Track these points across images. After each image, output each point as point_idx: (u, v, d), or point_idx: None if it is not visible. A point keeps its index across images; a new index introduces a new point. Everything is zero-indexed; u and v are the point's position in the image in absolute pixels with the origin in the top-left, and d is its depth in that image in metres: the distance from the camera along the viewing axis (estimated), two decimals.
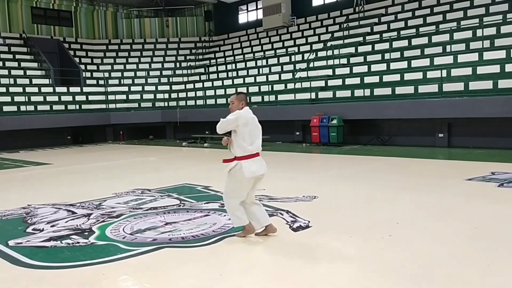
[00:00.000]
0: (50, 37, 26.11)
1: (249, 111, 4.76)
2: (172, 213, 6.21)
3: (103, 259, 4.38)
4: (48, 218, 6.17)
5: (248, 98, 4.90)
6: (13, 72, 22.21)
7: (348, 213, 5.84)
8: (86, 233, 5.33)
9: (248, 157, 4.62)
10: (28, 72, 22.79)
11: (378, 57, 16.79)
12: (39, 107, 20.48)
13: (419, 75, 14.29)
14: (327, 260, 4.14)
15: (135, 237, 5.11)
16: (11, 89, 20.86)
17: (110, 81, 24.61)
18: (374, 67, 16.08)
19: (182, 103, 22.36)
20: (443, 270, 3.71)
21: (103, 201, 7.25)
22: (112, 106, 22.89)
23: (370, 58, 17.03)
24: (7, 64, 22.73)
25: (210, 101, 20.98)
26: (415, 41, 16.44)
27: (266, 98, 18.29)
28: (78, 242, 4.98)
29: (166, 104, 23.19)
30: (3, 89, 20.64)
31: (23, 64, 23.29)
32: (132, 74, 25.54)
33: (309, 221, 5.38)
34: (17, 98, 20.30)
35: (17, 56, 23.79)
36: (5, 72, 21.94)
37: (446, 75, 13.60)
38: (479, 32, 15.02)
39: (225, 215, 5.91)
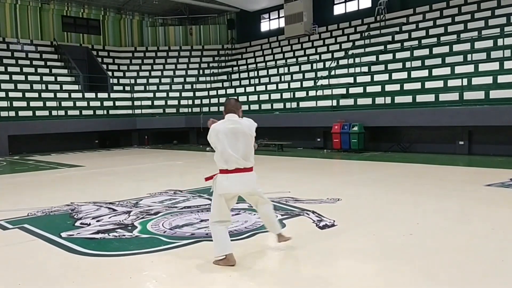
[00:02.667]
0: (79, 45, 27.15)
1: (227, 121, 4.27)
2: (205, 212, 6.68)
3: (149, 249, 4.86)
4: (92, 214, 6.72)
5: (240, 103, 4.55)
6: (45, 78, 23.21)
7: (371, 214, 6.21)
8: (130, 228, 5.84)
9: (225, 172, 4.22)
10: (59, 79, 23.77)
11: (399, 65, 17.07)
12: (69, 112, 21.37)
13: (440, 84, 14.54)
14: (352, 254, 4.53)
15: (175, 231, 5.60)
16: (43, 95, 21.82)
17: (136, 87, 25.43)
18: (395, 75, 16.37)
19: (205, 109, 22.97)
20: (462, 271, 4.07)
21: (139, 200, 7.78)
22: (137, 111, 23.66)
23: (391, 66, 17.33)
24: (39, 70, 23.77)
25: None
26: (436, 50, 16.67)
27: (288, 105, 18.73)
28: (124, 235, 5.49)
29: (189, 110, 23.84)
30: (36, 94, 21.62)
31: (54, 71, 24.30)
32: (157, 80, 26.33)
33: (334, 221, 5.78)
34: (48, 103, 21.22)
35: (48, 63, 24.84)
36: (37, 78, 22.95)
37: (467, 83, 13.82)
38: (500, 42, 15.19)
39: (255, 214, 6.36)
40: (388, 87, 15.88)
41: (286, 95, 19.41)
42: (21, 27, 25.46)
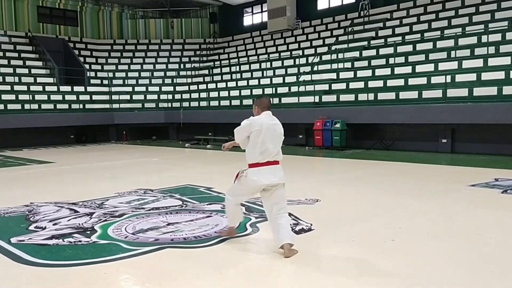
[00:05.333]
0: (55, 36, 26.21)
1: (268, 117, 4.45)
2: (174, 214, 6.22)
3: (105, 258, 4.37)
4: (51, 217, 6.18)
5: (270, 100, 4.65)
6: (18, 70, 22.30)
7: (350, 217, 5.82)
8: (88, 232, 5.33)
9: (256, 165, 4.41)
10: (33, 71, 22.87)
11: (382, 61, 16.78)
12: (43, 106, 20.55)
13: (423, 80, 14.27)
14: (328, 263, 4.13)
15: (137, 236, 5.11)
16: (16, 87, 20.94)
17: (114, 81, 24.68)
18: (379, 72, 16.07)
19: (185, 104, 22.39)
20: (447, 277, 3.70)
21: (105, 200, 7.26)
22: (115, 106, 22.94)
23: (374, 62, 17.03)
24: (12, 62, 22.83)
25: (214, 103, 21.00)
26: (420, 46, 16.41)
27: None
28: (80, 241, 4.98)
29: (169, 105, 23.22)
30: (8, 87, 20.72)
31: (28, 63, 23.37)
32: (136, 74, 25.60)
33: (311, 224, 5.37)
34: (21, 97, 20.37)
35: (22, 55, 23.88)
36: (10, 70, 22.03)
37: (451, 80, 13.59)
38: (484, 38, 15.00)
39: (226, 217, 5.92)
40: (371, 84, 15.58)
41: (268, 91, 18.96)
42: None
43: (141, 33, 28.97)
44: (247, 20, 27.81)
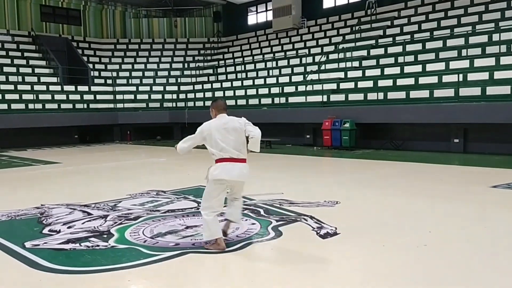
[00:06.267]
0: (58, 35, 26.04)
1: (218, 119, 4.68)
2: (191, 216, 6.02)
3: (126, 264, 4.18)
4: (64, 219, 5.99)
5: (226, 102, 4.96)
6: (21, 69, 22.14)
7: (375, 220, 5.62)
8: (105, 236, 5.14)
9: (220, 161, 4.55)
10: (36, 70, 22.70)
11: (391, 60, 16.58)
12: (47, 106, 20.36)
13: (434, 79, 14.08)
14: (361, 270, 3.93)
15: (156, 241, 4.92)
16: (19, 87, 20.75)
17: (118, 81, 24.49)
18: (388, 71, 15.87)
19: (190, 103, 22.20)
20: (487, 282, 3.50)
21: (118, 202, 7.06)
22: (119, 105, 22.75)
23: (383, 61, 16.83)
24: (16, 61, 22.66)
25: None
26: (429, 45, 16.22)
27: (276, 100, 18.09)
28: (98, 245, 4.78)
29: (174, 104, 23.03)
30: (11, 87, 20.54)
31: (31, 62, 23.20)
32: (140, 74, 25.41)
33: (336, 228, 5.17)
34: (25, 96, 20.19)
35: (26, 54, 23.71)
36: (14, 69, 21.87)
37: (462, 79, 13.38)
38: (495, 37, 14.80)
39: (246, 219, 5.73)
40: (380, 83, 15.38)
41: (275, 90, 18.77)
42: None
43: (144, 32, 28.78)
44: (252, 19, 27.61)
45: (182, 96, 23.34)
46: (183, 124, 21.73)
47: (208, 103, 21.56)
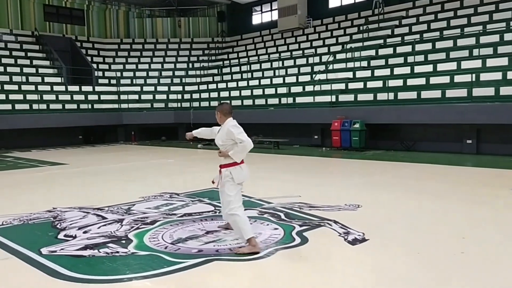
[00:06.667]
0: (62, 35, 25.84)
1: (233, 121, 4.77)
2: (209, 221, 5.83)
3: (150, 272, 3.99)
4: (78, 223, 5.79)
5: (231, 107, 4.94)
6: (25, 70, 21.94)
7: (403, 225, 5.41)
8: (124, 241, 4.94)
9: (236, 164, 4.67)
10: (40, 70, 22.50)
11: (400, 60, 16.37)
12: (51, 106, 20.16)
13: (446, 79, 13.87)
14: (400, 280, 3.73)
15: (178, 247, 4.72)
16: (23, 87, 20.56)
17: (122, 81, 24.31)
18: (397, 70, 15.67)
19: (195, 104, 22.01)
20: None
21: (131, 205, 6.87)
22: (124, 106, 22.56)
23: (392, 61, 16.62)
24: (19, 61, 22.47)
25: None
26: (439, 44, 16.02)
27: (283, 100, 17.89)
28: (118, 252, 4.59)
29: (179, 105, 22.84)
30: (15, 87, 20.36)
31: (35, 62, 23.00)
32: (144, 74, 25.22)
33: (363, 233, 4.97)
34: (29, 96, 20.00)
35: (29, 54, 23.52)
36: (17, 69, 21.68)
37: (475, 79, 13.18)
38: (506, 36, 14.60)
39: (268, 224, 5.54)
40: (390, 83, 15.17)
41: (281, 90, 18.57)
42: (0, 16, 24.04)
43: (148, 32, 28.59)
44: (256, 19, 27.42)
45: (187, 96, 23.15)
46: (188, 125, 21.51)
47: (213, 103, 21.45)
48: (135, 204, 6.97)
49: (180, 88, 24.21)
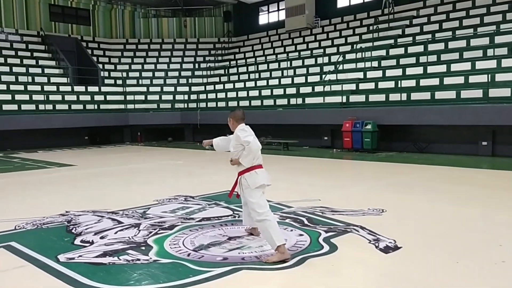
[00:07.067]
0: (67, 35, 25.69)
1: (246, 126, 4.71)
2: (230, 226, 5.61)
3: (176, 282, 3.76)
4: (94, 228, 5.58)
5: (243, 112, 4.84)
6: (31, 70, 21.79)
7: (434, 231, 5.17)
8: (143, 248, 4.73)
9: (254, 168, 4.58)
10: (46, 71, 22.35)
11: (412, 60, 16.13)
12: (58, 106, 19.99)
13: (460, 80, 13.62)
14: None
15: (201, 254, 4.50)
16: (29, 87, 20.40)
17: (128, 81, 24.13)
18: (409, 71, 15.42)
19: (202, 104, 21.80)
20: None
21: (146, 209, 6.66)
22: (130, 106, 22.37)
23: (403, 61, 16.38)
24: (25, 61, 22.32)
25: (232, 103, 20.38)
26: (452, 44, 15.77)
27: (292, 101, 17.67)
28: (139, 259, 4.37)
29: (185, 105, 22.64)
30: (21, 87, 20.21)
31: (41, 62, 22.86)
32: (150, 74, 25.05)
33: (394, 240, 4.74)
34: (35, 97, 19.83)
35: (35, 54, 23.37)
36: (23, 69, 21.53)
37: (490, 80, 12.92)
38: None
39: (291, 230, 5.32)
40: (402, 83, 14.92)
41: (290, 91, 18.35)
42: (5, 15, 23.91)
43: (153, 32, 28.42)
44: (263, 19, 27.21)
45: (193, 97, 22.95)
46: (195, 125, 21.36)
47: (220, 104, 21.26)
48: (150, 207, 6.76)
49: (186, 88, 24.02)
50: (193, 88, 23.88)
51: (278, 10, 26.11)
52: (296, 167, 11.67)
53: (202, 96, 22.56)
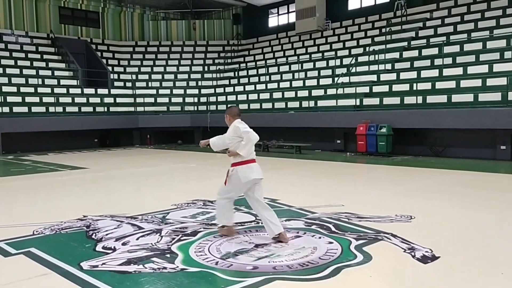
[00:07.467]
0: (77, 38, 25.67)
1: (242, 122, 5.09)
2: (254, 232, 5.42)
3: None
4: (114, 234, 5.42)
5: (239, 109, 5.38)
6: (41, 72, 21.75)
7: (471, 239, 4.95)
8: (168, 256, 4.55)
9: (246, 162, 4.96)
10: (56, 73, 22.30)
11: (427, 62, 15.89)
12: (68, 109, 19.93)
13: (477, 82, 13.38)
14: None
15: (230, 263, 4.31)
16: (40, 90, 20.36)
17: (138, 84, 24.03)
18: (425, 73, 15.19)
19: (212, 107, 21.66)
20: None
21: (165, 213, 6.49)
22: (140, 109, 22.27)
23: (418, 63, 16.15)
24: (35, 64, 22.28)
25: (243, 106, 20.20)
26: (467, 47, 15.52)
27: (304, 103, 17.48)
28: (165, 268, 4.19)
29: (195, 108, 22.50)
30: (32, 89, 20.17)
31: (50, 65, 22.83)
32: (159, 77, 24.96)
33: (431, 250, 4.52)
34: (45, 99, 19.78)
35: (45, 56, 23.35)
36: (33, 72, 21.49)
37: (509, 82, 12.66)
38: None
39: (320, 237, 5.12)
40: (418, 86, 14.68)
41: (302, 93, 18.16)
42: (15, 18, 23.92)
43: (162, 35, 28.35)
44: (273, 21, 27.07)
45: (203, 99, 22.81)
46: (205, 128, 21.19)
47: (222, 109, 21.07)
48: (169, 212, 6.59)
49: (196, 91, 23.89)
50: (203, 91, 23.76)
51: (288, 12, 25.95)
52: (311, 171, 11.46)
53: (212, 99, 22.42)
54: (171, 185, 9.50)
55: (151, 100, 22.86)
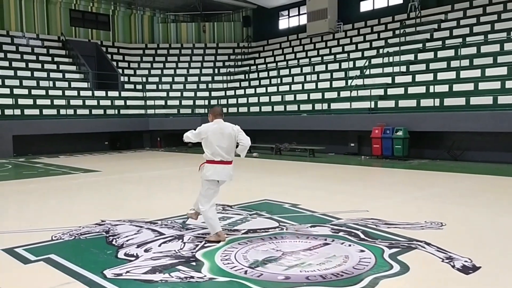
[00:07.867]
0: (88, 40, 25.65)
1: (215, 124, 5.26)
2: (280, 239, 5.22)
3: None
4: (135, 240, 5.24)
5: (222, 109, 5.61)
6: (52, 74, 21.70)
7: (508, 248, 4.72)
8: (194, 264, 4.36)
9: (212, 162, 5.16)
10: (67, 75, 22.25)
11: (443, 64, 15.60)
12: (79, 111, 19.85)
13: (496, 85, 13.09)
14: None
15: (260, 272, 4.11)
16: (51, 92, 20.31)
17: (148, 86, 23.94)
18: (441, 76, 14.92)
19: (223, 110, 21.46)
20: None
21: (185, 218, 6.30)
22: (150, 111, 22.16)
23: (433, 65, 15.87)
24: (46, 66, 22.26)
25: (254, 108, 20.06)
26: (484, 49, 15.23)
27: (317, 106, 17.25)
28: (192, 277, 4.01)
29: (206, 110, 22.34)
30: (43, 92, 20.11)
31: (61, 67, 22.77)
32: (169, 79, 24.84)
33: (470, 259, 4.30)
34: (56, 101, 19.72)
35: (56, 59, 23.31)
36: (44, 74, 21.45)
37: None
38: None
39: (350, 245, 4.90)
40: (435, 88, 14.41)
41: (315, 96, 17.94)
42: (26, 20, 23.94)
43: (172, 37, 28.26)
44: (283, 24, 26.89)
45: (213, 102, 22.66)
46: None
47: (242, 109, 20.93)
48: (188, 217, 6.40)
49: (206, 93, 23.75)
50: (213, 93, 23.61)
51: (299, 14, 25.76)
52: (327, 175, 11.24)
53: (223, 101, 22.27)
54: (186, 188, 9.32)
55: (161, 102, 22.75)
